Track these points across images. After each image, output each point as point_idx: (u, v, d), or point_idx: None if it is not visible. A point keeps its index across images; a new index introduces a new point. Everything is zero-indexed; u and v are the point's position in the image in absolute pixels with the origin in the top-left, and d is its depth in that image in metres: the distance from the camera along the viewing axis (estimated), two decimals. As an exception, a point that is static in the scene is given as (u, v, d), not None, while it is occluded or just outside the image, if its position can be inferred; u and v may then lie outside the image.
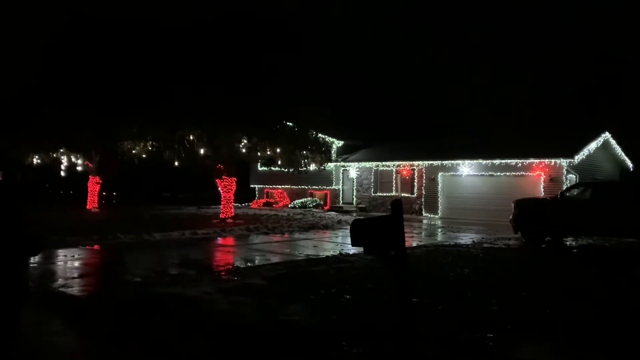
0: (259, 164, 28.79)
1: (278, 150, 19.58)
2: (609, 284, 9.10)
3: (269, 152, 19.44)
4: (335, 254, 12.38)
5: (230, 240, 15.43)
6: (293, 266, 10.50)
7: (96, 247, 13.55)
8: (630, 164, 26.21)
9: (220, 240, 15.37)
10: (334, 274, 9.55)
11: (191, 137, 18.29)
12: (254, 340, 5.64)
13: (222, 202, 20.32)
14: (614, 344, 5.57)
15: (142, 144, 19.44)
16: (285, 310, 6.76)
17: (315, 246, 14.16)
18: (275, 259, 11.76)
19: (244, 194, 31.96)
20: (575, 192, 15.08)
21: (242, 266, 10.91)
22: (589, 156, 22.13)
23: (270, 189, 32.11)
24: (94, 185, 26.10)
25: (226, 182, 20.09)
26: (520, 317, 6.56)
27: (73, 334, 6.20)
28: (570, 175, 21.31)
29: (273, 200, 31.22)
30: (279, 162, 20.33)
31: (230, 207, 20.37)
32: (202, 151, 18.81)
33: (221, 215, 20.11)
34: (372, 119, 35.78)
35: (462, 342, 5.52)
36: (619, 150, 25.05)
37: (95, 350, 5.58)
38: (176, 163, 19.03)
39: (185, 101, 17.99)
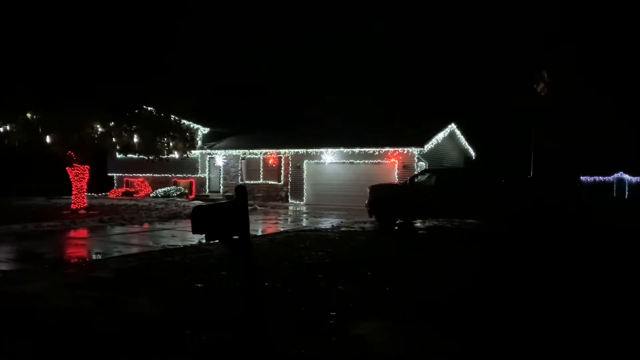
0: (116, 151, 27.09)
1: (136, 136, 18.50)
2: (448, 261, 10.02)
3: (125, 136, 18.25)
4: (194, 243, 12.11)
5: (80, 233, 14.37)
6: (146, 257, 10.09)
7: None
8: (472, 153, 29.01)
9: (69, 233, 14.24)
10: (189, 263, 9.37)
11: (29, 116, 16.41)
12: (91, 336, 5.33)
13: (73, 192, 18.80)
14: (445, 319, 6.13)
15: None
16: (130, 303, 6.48)
17: (174, 236, 13.74)
18: (128, 250, 11.19)
19: (101, 183, 29.94)
20: (422, 178, 16.31)
21: (90, 259, 10.25)
22: (437, 145, 24.08)
23: (131, 177, 30.43)
24: None
25: (77, 170, 18.60)
26: (362, 295, 6.97)
27: None
28: (421, 162, 23.03)
29: (133, 190, 29.64)
30: (137, 149, 19.22)
31: (83, 197, 18.95)
32: (48, 137, 17.14)
33: (72, 206, 18.63)
34: (241, 107, 35.50)
35: (306, 323, 5.72)
36: (463, 140, 27.61)
37: None
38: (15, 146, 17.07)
39: (28, 78, 16.20)
